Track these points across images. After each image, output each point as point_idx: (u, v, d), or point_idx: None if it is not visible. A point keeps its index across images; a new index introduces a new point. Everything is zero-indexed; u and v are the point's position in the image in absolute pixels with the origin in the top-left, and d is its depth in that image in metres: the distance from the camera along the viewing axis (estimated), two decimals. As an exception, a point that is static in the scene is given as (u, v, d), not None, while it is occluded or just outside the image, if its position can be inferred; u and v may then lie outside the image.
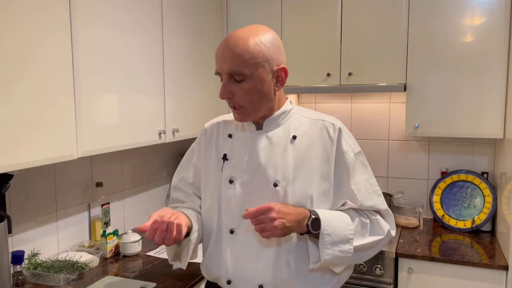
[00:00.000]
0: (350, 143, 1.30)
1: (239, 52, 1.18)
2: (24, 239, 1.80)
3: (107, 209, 2.17)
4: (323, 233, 1.19)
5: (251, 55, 1.18)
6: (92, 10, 1.64)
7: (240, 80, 1.20)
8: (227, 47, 1.20)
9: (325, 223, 1.19)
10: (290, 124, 1.31)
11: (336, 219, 1.23)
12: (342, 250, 1.21)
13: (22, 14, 1.36)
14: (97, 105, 1.69)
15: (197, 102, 2.42)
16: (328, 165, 1.26)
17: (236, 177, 1.29)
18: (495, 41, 2.15)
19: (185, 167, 1.47)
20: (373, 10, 2.36)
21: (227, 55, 1.19)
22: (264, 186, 1.25)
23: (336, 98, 2.82)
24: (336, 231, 1.21)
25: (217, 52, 1.23)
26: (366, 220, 1.28)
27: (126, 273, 1.83)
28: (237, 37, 1.20)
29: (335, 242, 1.20)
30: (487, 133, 2.22)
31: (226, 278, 1.29)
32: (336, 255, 1.21)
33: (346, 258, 1.23)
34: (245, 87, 1.21)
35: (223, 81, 1.22)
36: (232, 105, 1.26)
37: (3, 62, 1.31)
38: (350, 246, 1.22)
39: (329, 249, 1.20)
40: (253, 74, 1.19)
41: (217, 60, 1.23)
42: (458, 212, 2.45)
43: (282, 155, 1.26)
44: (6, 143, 1.33)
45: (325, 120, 1.31)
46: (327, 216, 1.22)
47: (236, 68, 1.19)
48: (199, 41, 2.41)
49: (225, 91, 1.22)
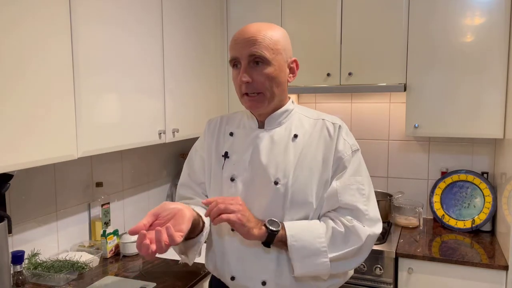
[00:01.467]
0: (349, 141, 1.30)
1: (262, 37, 1.22)
2: (24, 239, 1.80)
3: (107, 209, 2.17)
4: (291, 248, 1.19)
5: (272, 41, 1.23)
6: (92, 11, 1.64)
7: (260, 63, 1.22)
8: (249, 31, 1.23)
9: (291, 238, 1.18)
10: (292, 123, 1.32)
11: (305, 231, 1.21)
12: (316, 263, 1.19)
13: (23, 14, 1.36)
14: (97, 105, 1.69)
15: (197, 102, 2.42)
16: (327, 163, 1.26)
17: (237, 175, 1.29)
18: (495, 41, 2.15)
19: (192, 163, 1.44)
20: (373, 10, 2.36)
21: (248, 40, 1.22)
22: (265, 184, 1.25)
23: (336, 98, 2.82)
24: (305, 244, 1.19)
25: (236, 39, 1.25)
26: (341, 229, 1.22)
27: (126, 273, 1.83)
28: (257, 26, 1.25)
29: (306, 256, 1.19)
30: (487, 133, 2.22)
31: (230, 274, 1.30)
32: (310, 269, 1.20)
33: (324, 270, 1.21)
34: (265, 71, 1.23)
35: (242, 65, 1.23)
36: (248, 91, 1.24)
37: (3, 62, 1.31)
38: (325, 259, 1.19)
39: (300, 263, 1.19)
40: (273, 59, 1.23)
41: (236, 46, 1.24)
42: (458, 212, 2.45)
43: (283, 153, 1.27)
44: (6, 143, 1.33)
45: (325, 119, 1.32)
46: (295, 229, 1.20)
47: (259, 51, 1.21)
48: (199, 41, 2.41)
49: (245, 75, 1.22)
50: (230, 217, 1.12)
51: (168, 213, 1.13)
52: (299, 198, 1.24)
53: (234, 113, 1.45)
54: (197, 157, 1.43)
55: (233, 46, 1.25)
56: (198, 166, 1.41)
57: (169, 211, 1.13)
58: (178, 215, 1.12)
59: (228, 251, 1.30)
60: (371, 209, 1.26)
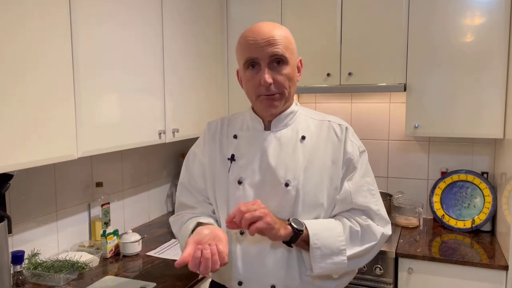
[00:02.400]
0: (356, 142, 1.31)
1: (279, 37, 1.21)
2: (24, 239, 1.80)
3: (107, 209, 2.17)
4: (313, 247, 1.18)
5: (289, 41, 1.24)
6: (91, 11, 1.64)
7: (281, 63, 1.22)
8: (265, 32, 1.21)
9: (314, 236, 1.18)
10: (298, 124, 1.31)
11: (325, 230, 1.21)
12: (335, 262, 1.20)
13: (24, 16, 1.36)
14: (97, 105, 1.69)
15: (197, 102, 2.42)
16: (336, 165, 1.27)
17: (245, 177, 1.27)
18: (495, 41, 2.15)
19: (191, 170, 1.41)
20: (373, 10, 2.36)
21: (268, 40, 1.20)
22: (275, 186, 1.25)
23: (336, 98, 2.82)
24: (326, 243, 1.19)
25: (250, 39, 1.21)
26: (357, 228, 1.24)
27: (126, 273, 1.83)
28: (269, 26, 1.23)
29: (327, 255, 1.19)
30: (487, 133, 2.22)
31: (237, 279, 1.28)
32: (329, 267, 1.20)
33: (341, 268, 1.22)
34: (285, 71, 1.22)
35: (263, 66, 1.21)
36: (270, 92, 1.23)
37: (3, 63, 1.31)
38: (344, 257, 1.20)
39: (320, 263, 1.19)
40: (290, 59, 1.23)
41: (252, 46, 1.21)
42: (458, 212, 2.45)
43: (292, 155, 1.26)
44: (7, 143, 1.33)
45: (331, 121, 1.32)
46: (316, 228, 1.20)
47: (280, 51, 1.20)
48: (199, 41, 2.41)
49: (269, 76, 1.21)
50: (259, 226, 1.11)
51: (208, 238, 1.12)
52: (310, 199, 1.24)
53: (234, 114, 1.43)
54: (195, 162, 1.40)
55: (249, 47, 1.22)
56: (197, 173, 1.38)
57: (208, 237, 1.12)
58: (216, 238, 1.12)
59: (235, 256, 1.28)
60: (382, 210, 1.30)
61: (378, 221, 1.27)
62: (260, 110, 1.30)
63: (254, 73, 1.23)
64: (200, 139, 1.43)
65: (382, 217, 1.29)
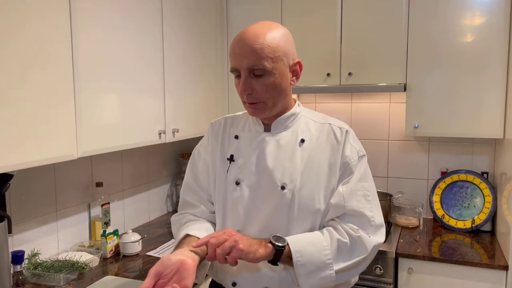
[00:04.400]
0: (355, 146, 1.28)
1: (259, 47, 1.17)
2: (24, 239, 1.80)
3: (107, 209, 2.17)
4: (297, 264, 1.15)
5: (271, 49, 1.18)
6: (92, 11, 1.64)
7: (261, 74, 1.19)
8: (246, 42, 1.18)
9: (297, 253, 1.15)
10: (298, 127, 1.30)
11: (309, 245, 1.17)
12: (322, 277, 1.17)
13: (24, 18, 1.36)
14: (97, 105, 1.69)
15: (197, 102, 2.42)
16: (334, 169, 1.25)
17: (243, 178, 1.27)
18: (495, 41, 2.15)
19: (195, 167, 1.40)
20: (373, 10, 2.36)
21: (246, 50, 1.17)
22: (271, 188, 1.24)
23: (336, 98, 2.82)
24: (311, 259, 1.16)
25: (234, 48, 1.21)
26: (346, 239, 1.19)
27: (126, 273, 1.83)
28: (255, 32, 1.19)
29: (313, 271, 1.16)
30: (487, 133, 2.22)
31: (231, 280, 1.28)
32: (317, 283, 1.17)
33: (329, 282, 1.18)
34: (265, 82, 1.20)
35: (242, 77, 1.20)
36: (250, 101, 1.23)
37: (5, 64, 1.31)
38: (331, 271, 1.17)
39: (307, 279, 1.16)
40: (273, 68, 1.19)
41: (234, 56, 1.20)
42: (458, 212, 2.45)
43: (290, 158, 1.25)
44: (7, 143, 1.33)
45: (332, 124, 1.30)
46: (300, 245, 1.17)
47: (257, 62, 1.17)
48: (199, 41, 2.41)
49: (246, 87, 1.20)
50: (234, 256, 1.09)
51: (171, 269, 1.07)
52: (306, 203, 1.22)
53: (238, 114, 1.42)
54: (200, 160, 1.39)
55: (232, 56, 1.21)
56: (201, 170, 1.38)
57: (172, 267, 1.07)
58: (182, 269, 1.07)
59: None
60: (376, 216, 1.25)
61: (370, 228, 1.22)
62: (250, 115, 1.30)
63: (238, 82, 1.23)
64: (204, 138, 1.43)
65: (375, 224, 1.24)
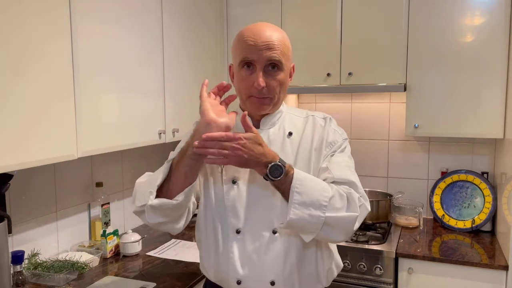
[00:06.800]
0: (338, 131, 1.34)
1: (278, 42, 1.22)
2: (24, 239, 1.80)
3: (107, 209, 2.17)
4: (293, 190, 1.13)
5: (286, 47, 1.26)
6: (92, 11, 1.64)
7: (275, 70, 1.23)
8: (265, 35, 1.21)
9: (297, 181, 1.13)
10: (284, 122, 1.35)
11: (312, 181, 1.17)
12: (312, 215, 1.13)
13: (24, 15, 1.36)
14: (97, 105, 1.69)
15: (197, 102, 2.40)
16: (320, 152, 1.30)
17: (239, 177, 1.29)
18: (495, 41, 2.15)
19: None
20: (373, 10, 2.36)
21: (267, 44, 1.21)
22: (265, 182, 1.24)
23: (336, 98, 2.82)
24: (308, 192, 1.13)
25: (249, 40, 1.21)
26: (343, 194, 1.18)
27: (126, 273, 1.83)
28: (269, 28, 1.24)
29: (305, 204, 1.13)
30: (487, 133, 2.22)
31: (236, 278, 1.28)
32: (304, 217, 1.13)
33: (315, 225, 1.14)
34: (279, 77, 1.24)
35: (258, 70, 1.22)
36: (261, 96, 1.25)
37: (3, 62, 1.31)
38: (322, 214, 1.13)
39: (297, 209, 1.13)
40: (285, 65, 1.25)
41: (250, 48, 1.21)
42: (458, 212, 2.45)
43: (280, 150, 1.28)
44: (6, 143, 1.33)
45: (315, 116, 1.37)
46: (303, 176, 1.16)
47: (277, 57, 1.22)
48: (199, 41, 2.41)
49: (262, 80, 1.22)
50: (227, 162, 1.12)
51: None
52: None
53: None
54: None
55: (248, 47, 1.22)
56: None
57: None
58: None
59: (233, 255, 1.28)
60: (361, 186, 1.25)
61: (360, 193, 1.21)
62: (249, 109, 1.31)
63: (248, 73, 1.24)
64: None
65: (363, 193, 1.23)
